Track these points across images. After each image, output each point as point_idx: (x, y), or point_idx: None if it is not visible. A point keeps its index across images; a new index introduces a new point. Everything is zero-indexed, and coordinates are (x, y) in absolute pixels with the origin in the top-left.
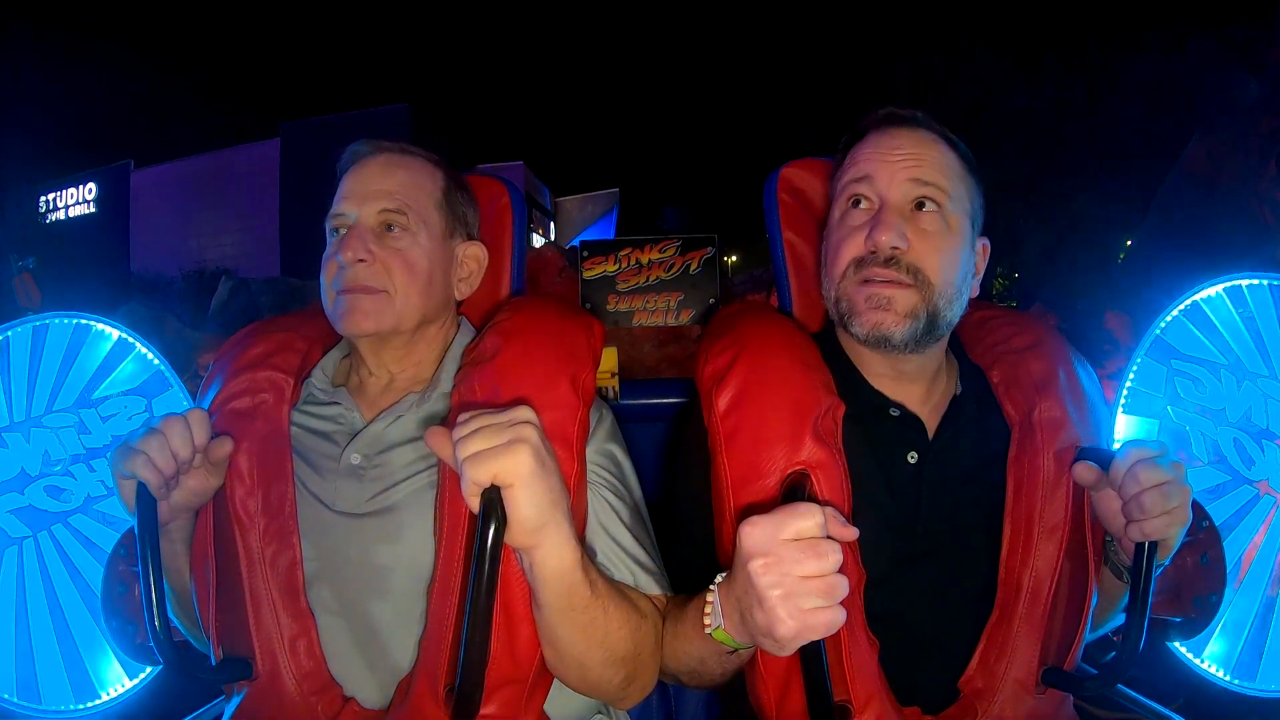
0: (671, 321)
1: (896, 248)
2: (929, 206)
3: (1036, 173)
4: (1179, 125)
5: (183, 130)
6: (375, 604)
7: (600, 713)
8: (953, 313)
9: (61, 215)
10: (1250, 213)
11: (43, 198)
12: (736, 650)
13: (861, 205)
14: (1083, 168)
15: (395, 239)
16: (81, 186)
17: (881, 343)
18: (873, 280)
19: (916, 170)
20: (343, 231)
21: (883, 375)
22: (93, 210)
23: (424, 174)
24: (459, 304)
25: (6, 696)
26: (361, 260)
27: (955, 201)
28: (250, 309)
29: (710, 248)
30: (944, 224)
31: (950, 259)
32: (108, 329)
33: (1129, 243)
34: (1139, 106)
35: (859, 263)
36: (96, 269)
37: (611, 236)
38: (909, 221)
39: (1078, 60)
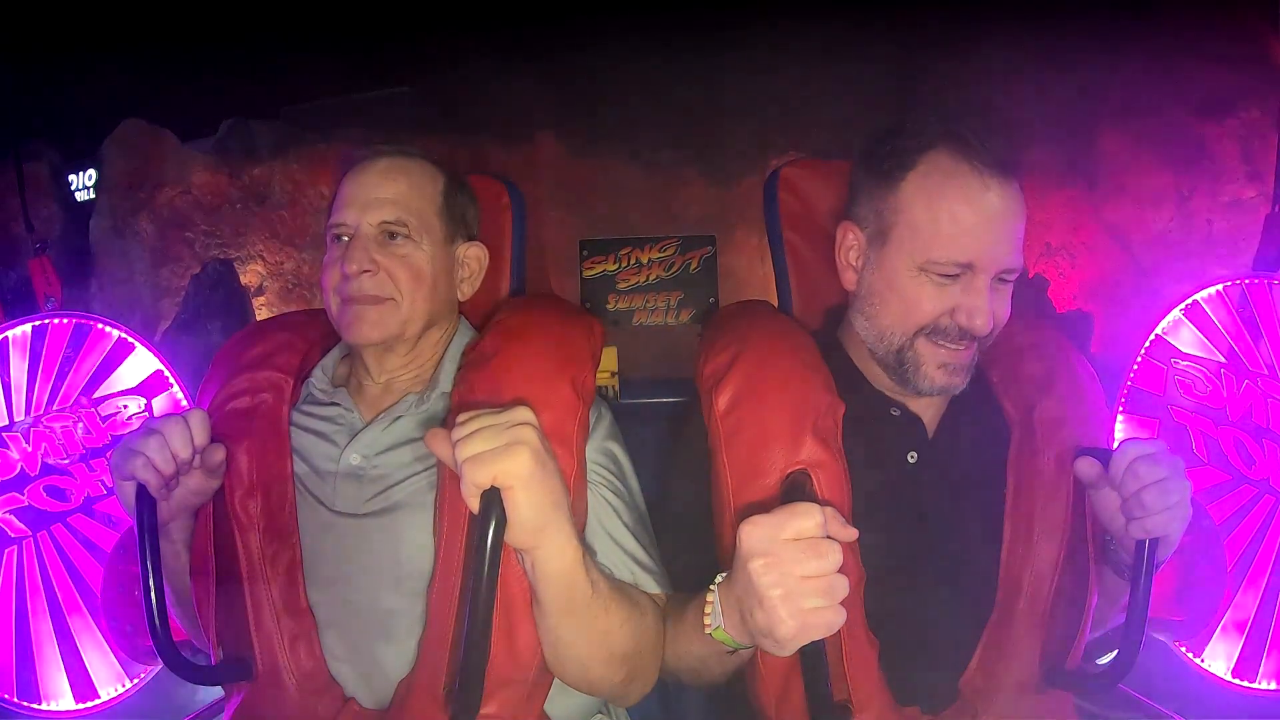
0: (671, 321)
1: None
2: (1008, 279)
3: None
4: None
5: (183, 116)
6: (375, 603)
7: (600, 712)
8: None
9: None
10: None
11: None
12: (736, 650)
13: (955, 277)
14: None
15: (398, 246)
16: (82, 173)
17: (942, 395)
18: (950, 348)
19: (1013, 254)
20: (345, 239)
21: (883, 376)
22: (94, 196)
23: (424, 178)
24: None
25: (6, 696)
26: (366, 271)
27: None
28: (248, 148)
29: (710, 247)
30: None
31: None
32: (108, 328)
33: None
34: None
35: (938, 330)
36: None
37: None
38: (995, 295)
39: None
